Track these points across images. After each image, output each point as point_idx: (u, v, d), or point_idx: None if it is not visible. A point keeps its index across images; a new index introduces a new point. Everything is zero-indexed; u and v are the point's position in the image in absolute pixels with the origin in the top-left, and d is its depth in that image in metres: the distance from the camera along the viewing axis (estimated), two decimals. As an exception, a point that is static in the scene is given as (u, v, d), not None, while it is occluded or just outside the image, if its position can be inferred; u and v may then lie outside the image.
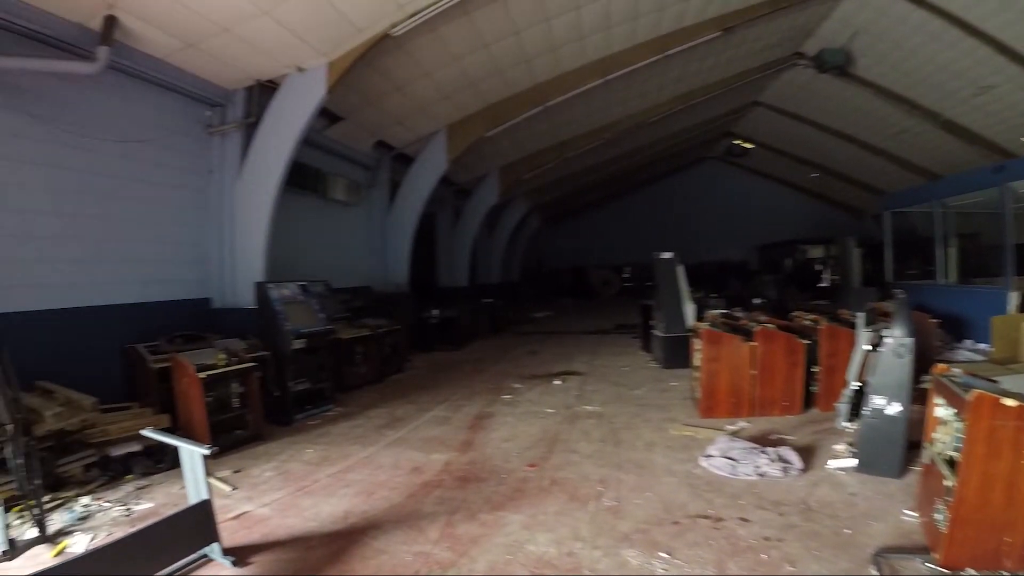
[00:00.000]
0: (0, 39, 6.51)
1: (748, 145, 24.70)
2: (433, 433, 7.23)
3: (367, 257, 14.99)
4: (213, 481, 5.53)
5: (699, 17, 12.24)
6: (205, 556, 4.11)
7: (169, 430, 6.34)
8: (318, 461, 6.36)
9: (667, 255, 11.37)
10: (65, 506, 5.16)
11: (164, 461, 6.02)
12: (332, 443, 7.06)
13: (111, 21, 7.27)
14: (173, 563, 3.88)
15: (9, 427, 4.44)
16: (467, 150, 14.85)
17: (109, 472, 5.86)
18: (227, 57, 8.81)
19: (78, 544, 4.47)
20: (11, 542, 4.32)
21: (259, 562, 4.12)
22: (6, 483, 4.85)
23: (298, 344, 8.35)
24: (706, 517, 4.49)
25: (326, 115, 11.87)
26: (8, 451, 4.48)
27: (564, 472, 5.61)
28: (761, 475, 5.20)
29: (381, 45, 9.11)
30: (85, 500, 5.30)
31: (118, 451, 6.01)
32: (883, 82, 15.43)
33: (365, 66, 9.76)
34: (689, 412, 7.61)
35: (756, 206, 30.51)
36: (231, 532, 4.53)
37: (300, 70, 9.35)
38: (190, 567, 4.01)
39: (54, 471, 5.45)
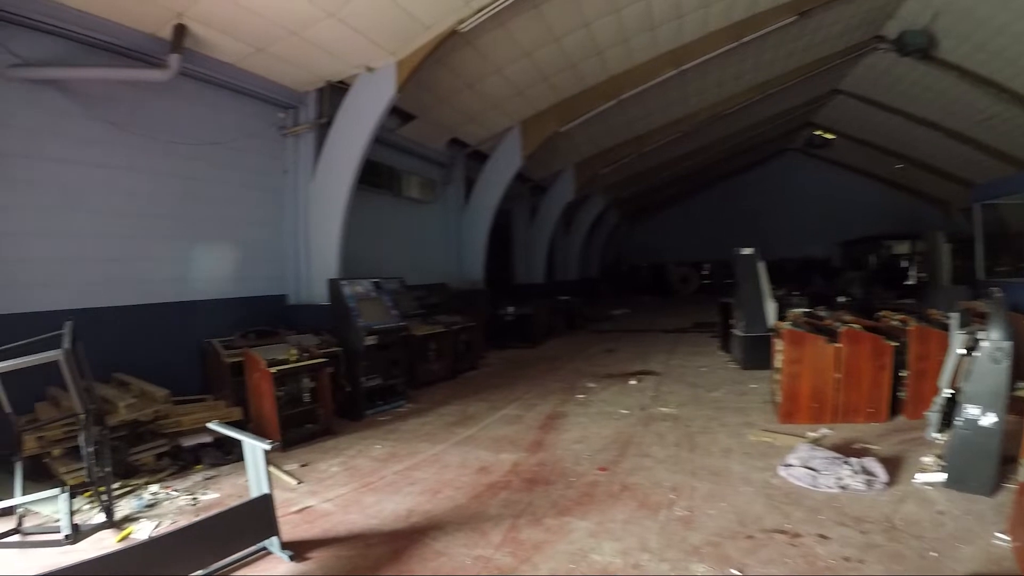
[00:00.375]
0: (77, 52, 6.82)
1: (829, 136, 23.45)
2: (503, 432, 7.07)
3: (443, 254, 14.93)
4: (280, 474, 5.64)
5: (774, 1, 11.67)
6: (264, 549, 4.09)
7: (240, 423, 6.57)
8: (385, 457, 6.31)
9: (748, 251, 10.85)
10: (134, 493, 5.29)
11: (233, 452, 5.98)
12: (401, 439, 7.00)
13: (180, 30, 7.42)
14: (232, 554, 3.89)
15: (81, 416, 4.58)
16: (542, 146, 14.57)
17: (180, 461, 5.99)
18: (297, 60, 8.88)
19: (142, 530, 4.55)
20: (75, 527, 4.40)
21: (317, 558, 4.07)
22: (77, 470, 5.00)
23: (370, 340, 8.34)
24: (782, 532, 4.16)
25: (398, 114, 11.88)
26: (80, 439, 4.61)
27: (635, 477, 5.36)
28: (843, 488, 4.81)
29: (450, 42, 9.00)
30: (154, 488, 5.41)
31: (190, 441, 6.14)
32: (968, 64, 14.31)
33: (435, 64, 9.68)
34: (768, 417, 7.22)
35: (838, 200, 28.91)
36: (292, 526, 4.53)
37: (369, 70, 9.33)
38: (249, 559, 4.01)
39: (127, 459, 5.61)
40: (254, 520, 3.99)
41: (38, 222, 6.65)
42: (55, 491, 4.44)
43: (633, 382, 9.56)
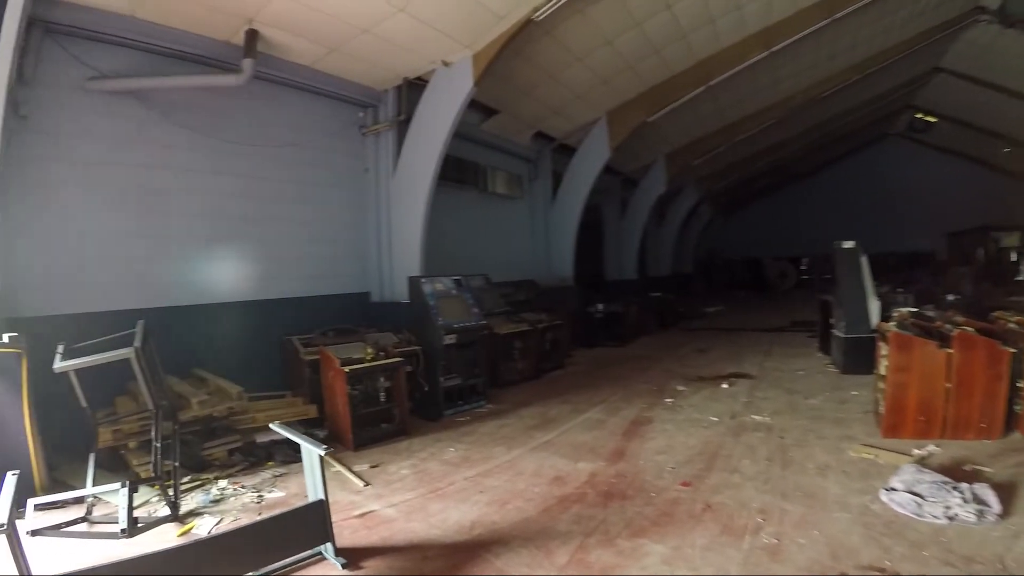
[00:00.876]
0: (153, 62, 7.05)
1: (931, 119, 21.77)
2: (583, 438, 6.66)
3: (531, 251, 14.72)
4: (349, 475, 5.54)
5: (867, -28, 10.65)
6: (319, 554, 3.97)
7: (315, 421, 6.63)
8: (458, 462, 6.06)
9: (849, 244, 9.93)
10: (203, 487, 5.30)
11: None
12: (476, 443, 6.74)
13: (252, 35, 7.44)
14: (287, 557, 3.82)
15: (151, 412, 4.71)
16: (630, 137, 14.01)
17: (251, 457, 5.98)
18: (371, 58, 8.77)
19: (204, 526, 4.53)
20: (135, 520, 4.39)
21: (370, 566, 3.89)
22: (148, 463, 5.00)
23: (449, 339, 8.13)
24: (880, 571, 3.56)
25: (480, 108, 11.70)
26: (152, 434, 4.71)
27: (720, 496, 4.85)
28: (951, 518, 4.13)
29: (526, 32, 8.63)
30: (223, 483, 5.40)
31: (263, 438, 6.13)
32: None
33: (513, 55, 9.35)
34: (870, 429, 6.45)
35: (943, 188, 26.42)
36: (352, 531, 4.41)
37: (445, 64, 9.10)
38: (303, 563, 3.91)
39: (199, 454, 5.70)
40: (309, 525, 3.87)
41: (120, 224, 6.91)
42: (118, 484, 4.46)
43: (725, 386, 8.94)
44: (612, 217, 19.66)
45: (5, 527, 2.87)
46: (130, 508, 4.34)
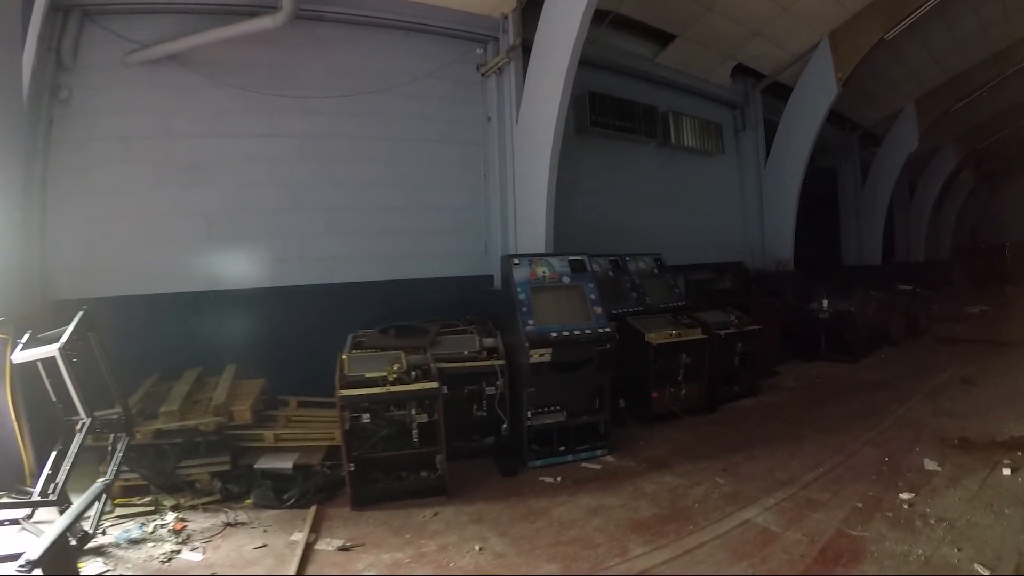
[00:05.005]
0: (198, 23, 6.07)
1: None
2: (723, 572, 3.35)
3: (738, 224, 11.49)
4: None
5: None
6: None
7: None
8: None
9: None
10: (145, 516, 4.31)
11: (291, 493, 4.52)
12: (532, 538, 3.93)
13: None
14: None
15: (83, 422, 3.93)
16: (865, 68, 10.14)
17: (235, 487, 4.65)
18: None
19: (89, 570, 3.56)
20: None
21: None
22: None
23: (538, 355, 5.10)
24: None
25: (651, 35, 8.84)
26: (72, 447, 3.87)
27: None
28: None
29: None
30: (169, 517, 4.27)
31: (267, 464, 4.80)
32: None
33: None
34: None
35: None
36: None
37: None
38: None
39: (172, 471, 4.63)
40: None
41: (161, 201, 6.08)
42: None
43: (1007, 471, 4.64)
44: (849, 184, 15.43)
45: None
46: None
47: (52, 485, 3.74)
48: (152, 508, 4.40)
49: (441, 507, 4.42)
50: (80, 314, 4.09)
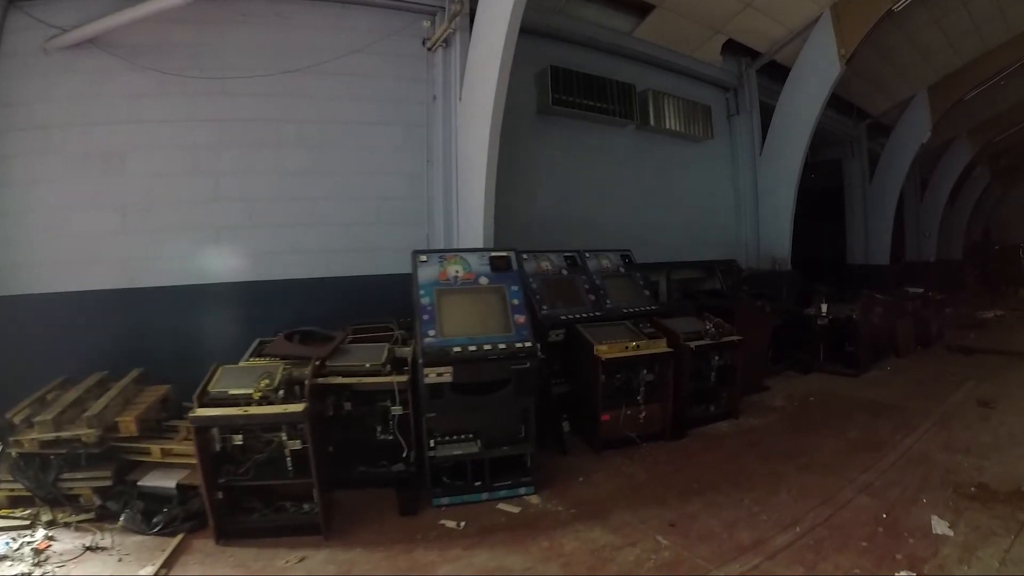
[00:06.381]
0: (108, 3, 5.44)
1: None
2: None
3: (731, 218, 10.35)
4: None
5: None
6: None
7: None
8: None
9: None
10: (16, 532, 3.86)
11: (159, 518, 3.85)
12: None
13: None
14: None
15: None
16: (873, 47, 9.01)
17: (111, 504, 4.09)
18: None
19: None
20: None
21: None
22: None
23: (436, 375, 4.03)
24: None
25: (630, 7, 7.71)
26: None
27: None
28: None
29: None
30: (40, 534, 3.84)
31: (152, 482, 4.18)
32: None
33: None
34: None
35: None
36: None
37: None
38: None
39: (52, 484, 4.10)
40: None
41: (73, 193, 5.55)
42: None
43: None
44: (856, 177, 14.17)
45: None
46: None
47: None
48: (29, 522, 4.04)
49: (313, 550, 3.62)
50: None
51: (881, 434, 5.44)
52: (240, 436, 3.65)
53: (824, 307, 8.37)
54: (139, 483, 4.20)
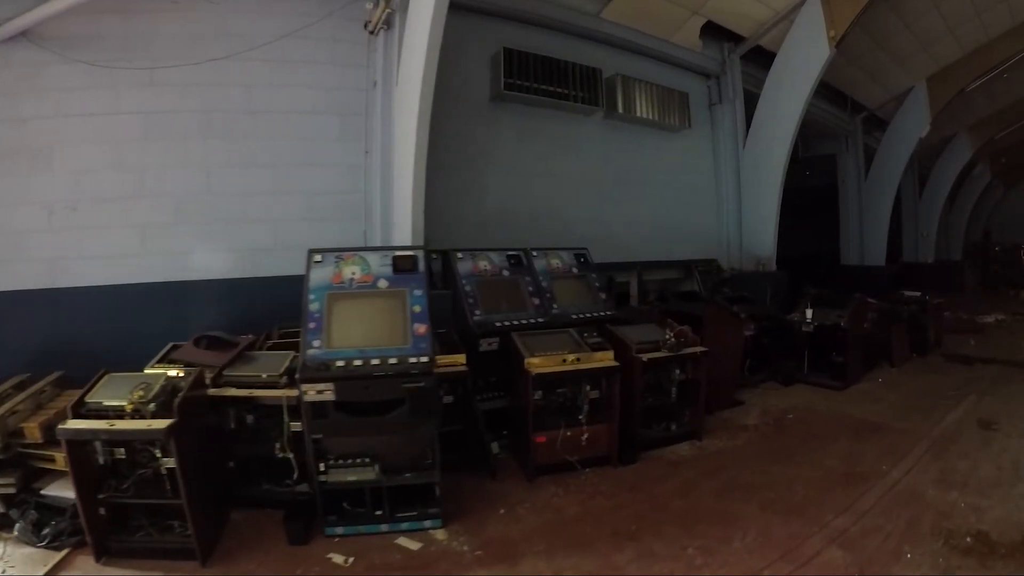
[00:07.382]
0: None
1: None
2: None
3: (713, 215, 9.72)
4: None
5: None
6: None
7: None
8: None
9: None
10: None
11: (47, 531, 3.54)
12: None
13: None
14: None
15: None
16: (868, 32, 8.66)
17: (13, 513, 3.76)
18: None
19: None
20: None
21: None
22: None
23: (315, 393, 3.40)
24: None
25: None
26: None
27: None
28: None
29: None
30: None
31: (55, 490, 3.80)
32: None
33: None
34: None
35: None
36: None
37: None
38: None
39: None
40: None
41: (5, 194, 5.32)
42: None
43: None
44: (851, 173, 13.60)
45: None
46: None
47: None
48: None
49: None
50: None
51: (865, 463, 4.64)
52: (123, 450, 3.36)
53: (809, 312, 7.47)
54: (42, 492, 3.97)
